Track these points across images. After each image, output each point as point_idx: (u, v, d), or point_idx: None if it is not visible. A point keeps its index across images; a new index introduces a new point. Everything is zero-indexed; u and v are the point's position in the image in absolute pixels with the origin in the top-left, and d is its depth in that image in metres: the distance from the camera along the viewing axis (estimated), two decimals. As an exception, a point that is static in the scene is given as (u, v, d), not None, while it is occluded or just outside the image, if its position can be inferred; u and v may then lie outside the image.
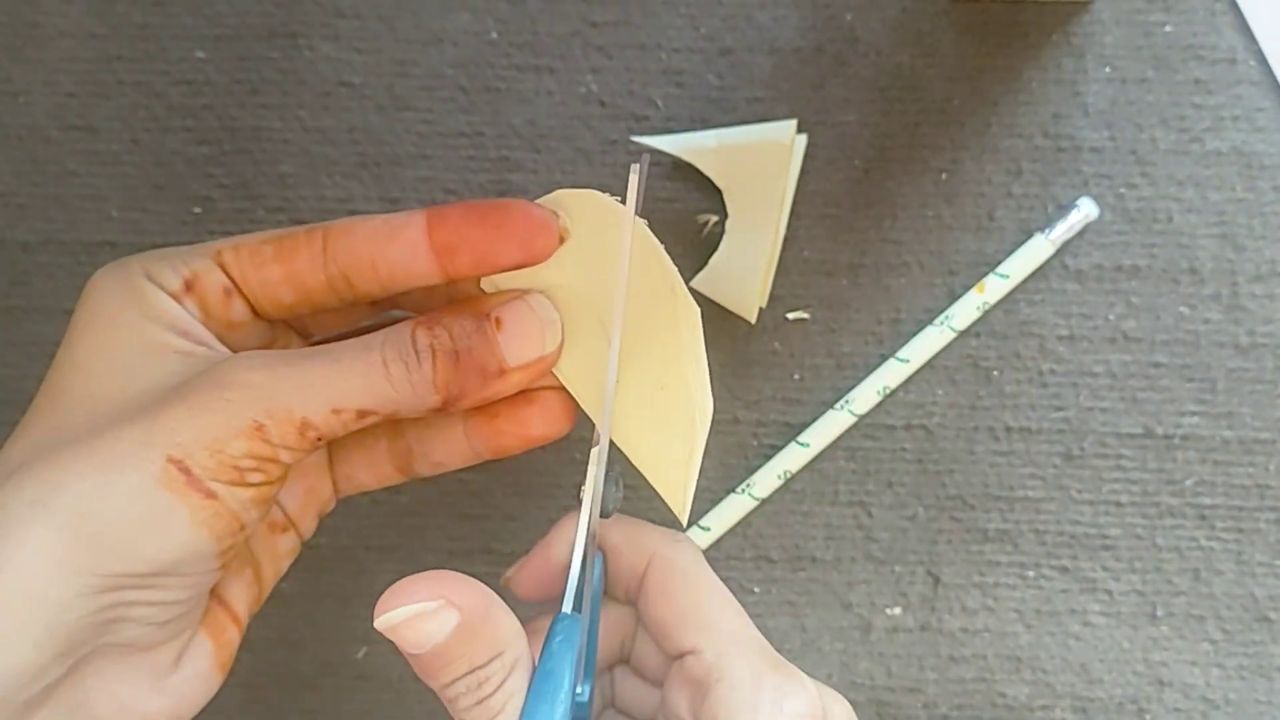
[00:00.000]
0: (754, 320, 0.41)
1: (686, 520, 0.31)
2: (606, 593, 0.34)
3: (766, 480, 0.41)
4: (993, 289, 0.41)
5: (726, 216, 0.41)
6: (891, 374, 0.41)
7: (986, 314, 0.41)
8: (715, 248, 0.41)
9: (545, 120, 0.42)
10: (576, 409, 0.33)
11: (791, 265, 0.41)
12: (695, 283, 0.41)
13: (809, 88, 0.42)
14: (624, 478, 0.32)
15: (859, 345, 0.41)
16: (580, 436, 0.35)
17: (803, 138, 0.41)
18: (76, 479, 0.27)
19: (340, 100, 0.42)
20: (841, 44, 0.41)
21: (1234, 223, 0.41)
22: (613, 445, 0.31)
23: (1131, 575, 0.41)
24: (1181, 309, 0.41)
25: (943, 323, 0.41)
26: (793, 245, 0.41)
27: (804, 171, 0.41)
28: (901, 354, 0.41)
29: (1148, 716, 0.41)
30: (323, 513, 0.35)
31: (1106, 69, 0.41)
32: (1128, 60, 0.41)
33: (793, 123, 0.41)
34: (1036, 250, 0.40)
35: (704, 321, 0.30)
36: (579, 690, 0.31)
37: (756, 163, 0.41)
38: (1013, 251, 0.41)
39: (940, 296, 0.41)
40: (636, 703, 0.34)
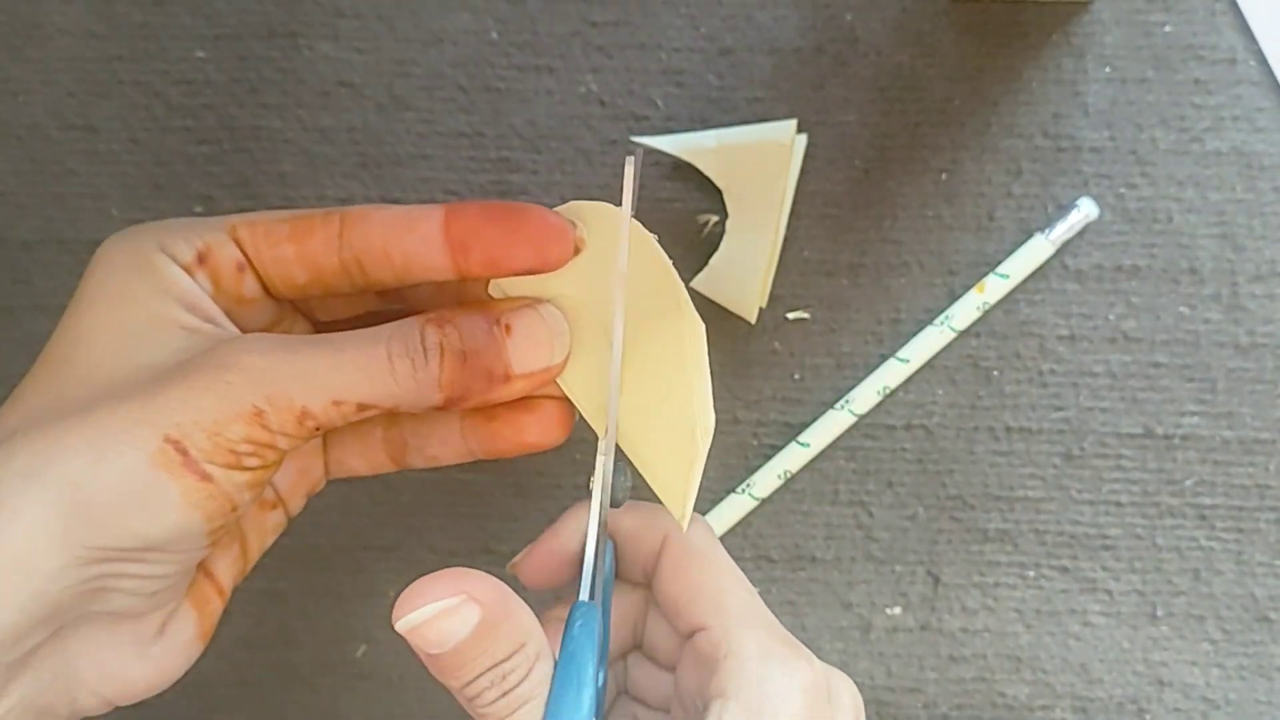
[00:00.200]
0: (754, 320, 0.41)
1: (686, 529, 0.31)
2: (619, 577, 0.34)
3: (766, 480, 0.41)
4: (993, 289, 0.41)
5: (726, 216, 0.41)
6: (891, 374, 0.41)
7: (986, 314, 0.41)
8: (715, 248, 0.41)
9: (545, 120, 0.42)
10: (574, 419, 0.33)
11: (791, 265, 0.41)
12: (695, 283, 0.41)
13: (809, 88, 0.42)
14: (629, 471, 0.32)
15: (859, 345, 0.41)
16: (581, 438, 0.36)
17: (803, 138, 0.41)
18: (71, 452, 0.27)
19: (340, 100, 0.42)
20: (841, 44, 0.41)
21: (1234, 223, 0.41)
22: (618, 446, 0.31)
23: (1131, 575, 0.41)
24: (1181, 309, 0.41)
25: (943, 323, 0.41)
26: (793, 245, 0.41)
27: (804, 171, 0.41)
28: (901, 354, 0.41)
29: (1148, 716, 0.41)
30: (312, 493, 0.35)
31: (1106, 69, 0.41)
32: (1128, 60, 0.41)
33: (793, 123, 0.41)
34: (1036, 250, 0.40)
35: (704, 321, 0.30)
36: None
37: (756, 163, 0.41)
38: (1013, 251, 0.41)
39: (940, 296, 0.41)
40: (650, 689, 0.34)
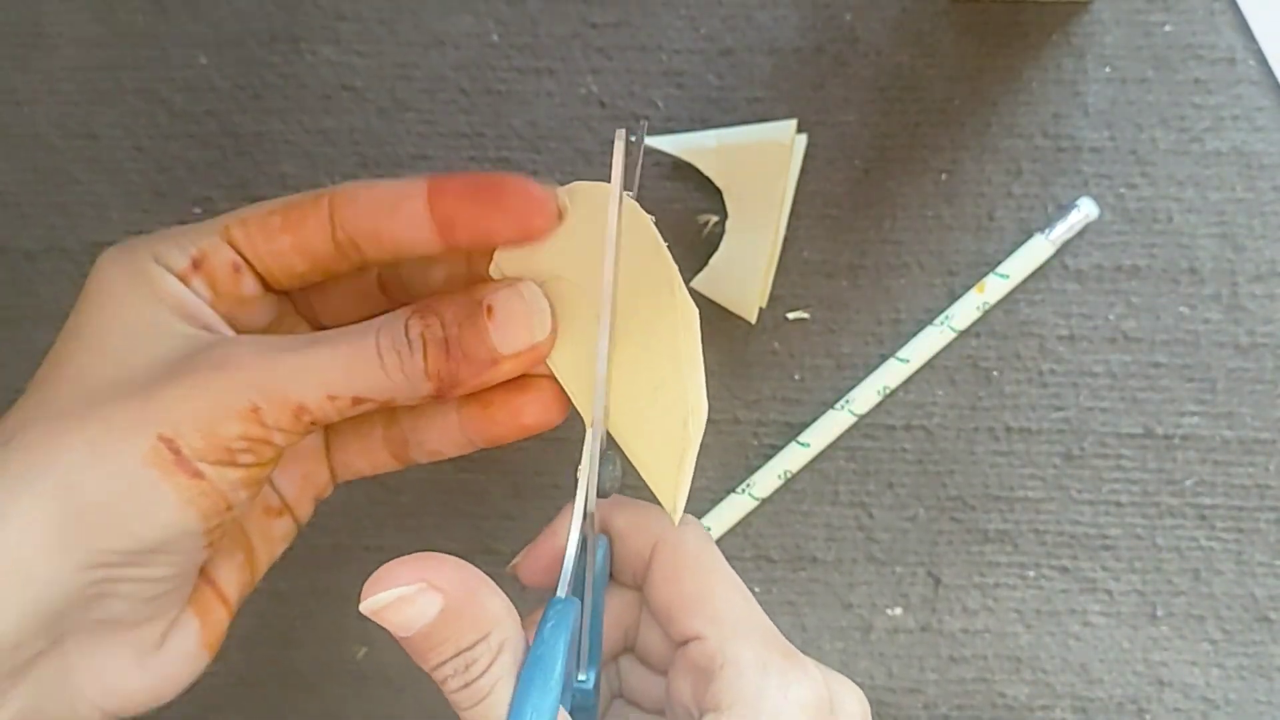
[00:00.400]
0: (754, 320, 0.41)
1: (678, 521, 0.31)
2: (614, 578, 0.33)
3: (766, 480, 0.41)
4: (993, 289, 0.40)
5: (726, 216, 0.41)
6: (891, 374, 0.41)
7: (986, 314, 0.41)
8: (715, 248, 0.41)
9: (546, 121, 0.42)
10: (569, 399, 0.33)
11: (791, 265, 0.41)
12: (695, 283, 0.41)
13: (809, 88, 0.42)
14: (618, 461, 0.31)
15: (859, 345, 0.42)
16: (578, 436, 0.36)
17: (803, 138, 0.41)
18: (65, 452, 0.27)
19: (342, 103, 0.43)
20: (841, 44, 0.42)
21: (1234, 223, 0.41)
22: (610, 435, 0.31)
23: (1131, 575, 0.41)
24: (1181, 309, 0.41)
25: (943, 323, 0.41)
26: (793, 245, 0.41)
27: (804, 171, 0.41)
28: (901, 354, 0.41)
29: (1148, 716, 0.41)
30: (319, 498, 0.35)
31: (1106, 69, 0.41)
32: (1128, 60, 0.41)
33: (793, 123, 0.41)
34: (1036, 250, 0.40)
35: (704, 321, 0.30)
36: (582, 677, 0.31)
37: (756, 163, 0.41)
38: (1013, 251, 0.41)
39: (940, 296, 0.41)
40: (644, 692, 0.34)
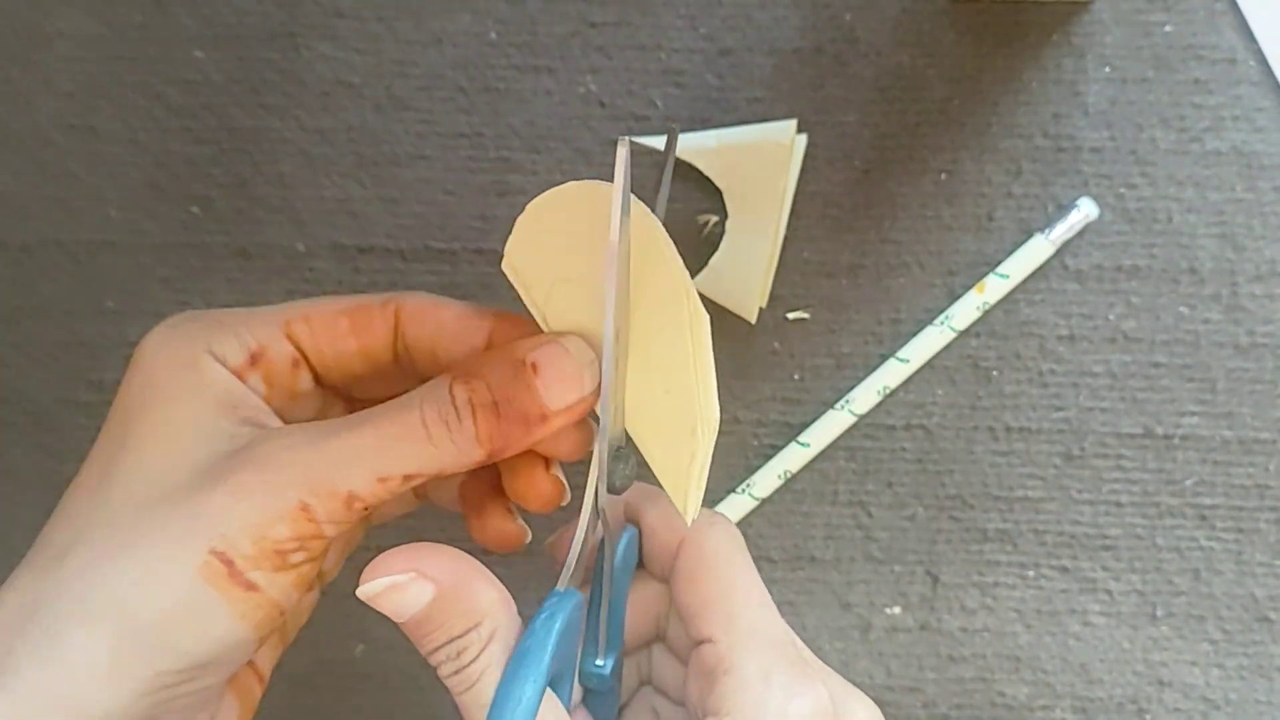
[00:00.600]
0: (754, 320, 0.41)
1: (690, 524, 0.30)
2: (645, 568, 0.33)
3: (766, 480, 0.41)
4: (993, 289, 0.40)
5: (726, 216, 0.41)
6: (891, 374, 0.41)
7: (986, 314, 0.41)
8: (715, 248, 0.41)
9: (544, 120, 0.42)
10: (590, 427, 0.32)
11: (791, 265, 0.41)
12: (695, 283, 0.41)
13: (809, 88, 0.42)
14: (633, 459, 0.31)
15: (859, 345, 0.41)
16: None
17: (803, 138, 0.41)
18: (119, 574, 0.27)
19: (339, 100, 0.42)
20: (841, 44, 0.41)
21: (1234, 223, 0.41)
22: (629, 434, 0.31)
23: (1131, 575, 0.41)
24: (1181, 309, 0.41)
25: (943, 323, 0.41)
26: (793, 245, 0.41)
27: (804, 171, 0.41)
28: (901, 354, 0.41)
29: (1148, 716, 0.41)
30: (350, 554, 0.35)
31: (1106, 69, 0.41)
32: (1128, 60, 0.41)
33: (793, 123, 0.41)
34: (1036, 250, 0.40)
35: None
36: (600, 662, 0.31)
37: (756, 163, 0.41)
38: (1013, 251, 0.41)
39: (940, 296, 0.41)
40: (672, 681, 0.34)
